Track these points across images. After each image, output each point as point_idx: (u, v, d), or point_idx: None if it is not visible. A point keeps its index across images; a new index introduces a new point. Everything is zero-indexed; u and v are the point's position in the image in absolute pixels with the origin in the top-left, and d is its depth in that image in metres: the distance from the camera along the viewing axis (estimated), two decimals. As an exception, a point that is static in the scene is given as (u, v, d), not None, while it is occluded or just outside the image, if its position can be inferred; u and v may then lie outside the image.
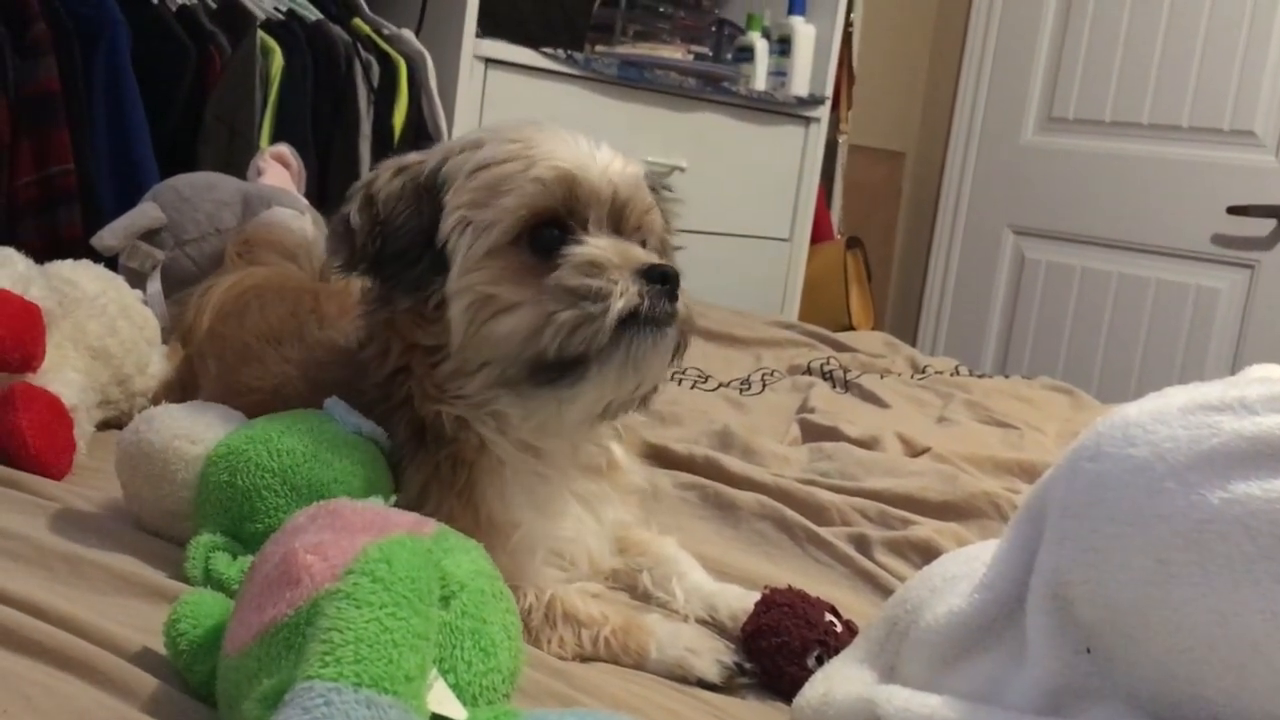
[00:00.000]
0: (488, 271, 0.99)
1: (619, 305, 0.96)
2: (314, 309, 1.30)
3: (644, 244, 1.06)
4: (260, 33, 2.19)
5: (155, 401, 1.36)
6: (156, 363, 1.46)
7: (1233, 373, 0.78)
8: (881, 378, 2.26)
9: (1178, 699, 0.68)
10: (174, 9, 2.14)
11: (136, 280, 1.68)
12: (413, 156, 1.06)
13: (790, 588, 1.07)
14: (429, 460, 1.04)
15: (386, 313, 1.04)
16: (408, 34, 2.46)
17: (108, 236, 1.76)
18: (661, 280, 0.98)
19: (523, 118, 1.09)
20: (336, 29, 2.34)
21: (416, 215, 1.01)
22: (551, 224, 1.00)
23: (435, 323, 1.01)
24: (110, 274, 1.48)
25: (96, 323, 1.35)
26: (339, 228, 1.03)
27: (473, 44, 2.52)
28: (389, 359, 1.05)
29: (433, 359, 1.03)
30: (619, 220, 1.03)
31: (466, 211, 0.99)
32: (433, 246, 1.00)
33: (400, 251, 1.01)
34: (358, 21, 2.42)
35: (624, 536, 1.18)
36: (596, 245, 0.99)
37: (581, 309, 0.96)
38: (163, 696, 0.74)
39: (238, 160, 2.07)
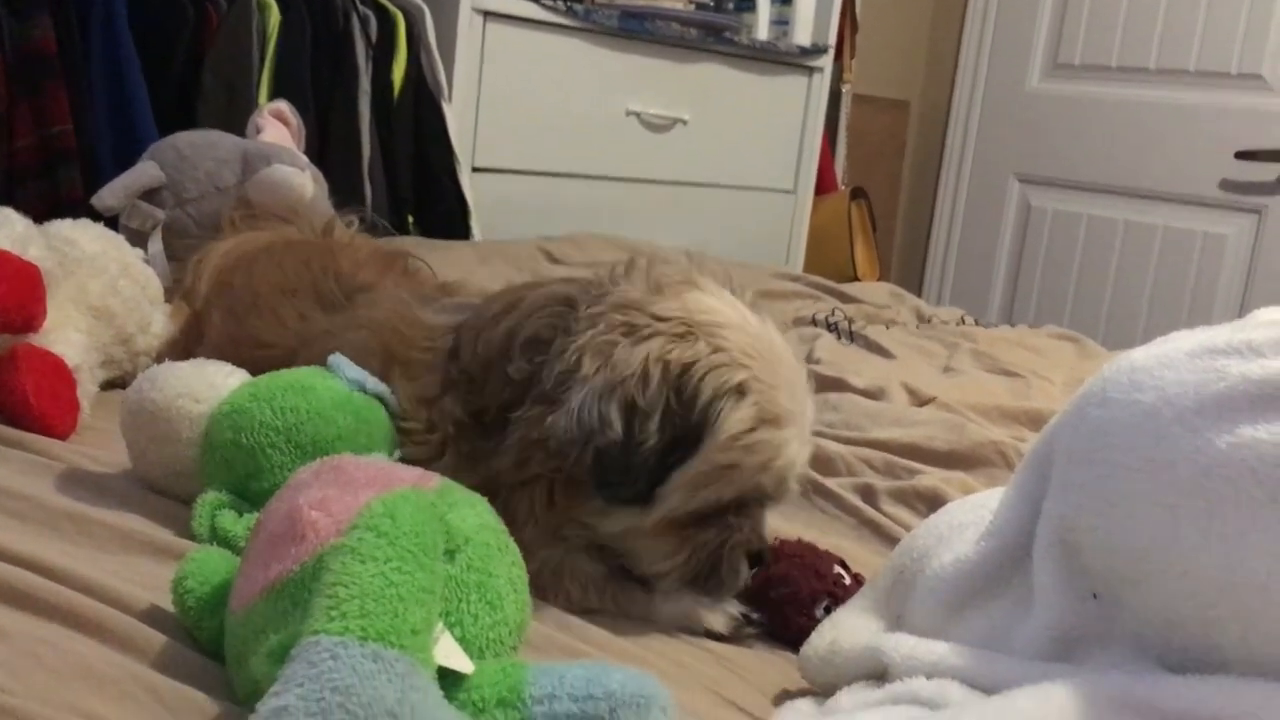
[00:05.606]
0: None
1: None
2: (328, 265, 1.29)
3: None
4: (256, -12, 2.17)
5: (159, 360, 1.36)
6: (159, 322, 1.46)
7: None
8: (887, 328, 2.26)
9: (1185, 643, 0.68)
10: (169, -35, 2.12)
11: (137, 240, 1.67)
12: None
13: (799, 540, 1.07)
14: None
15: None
16: (405, -13, 2.43)
17: (107, 196, 1.75)
18: (759, 561, 1.02)
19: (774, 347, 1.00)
20: (333, -17, 2.32)
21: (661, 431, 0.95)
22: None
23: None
24: (110, 233, 1.47)
25: (98, 282, 1.35)
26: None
27: (471, -3, 2.49)
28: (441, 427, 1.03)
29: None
30: None
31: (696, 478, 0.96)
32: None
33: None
34: (354, -25, 2.40)
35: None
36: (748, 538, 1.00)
37: (698, 584, 1.00)
38: (171, 653, 0.74)
39: (236, 118, 2.06)
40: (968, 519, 0.87)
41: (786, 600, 0.99)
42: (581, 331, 0.95)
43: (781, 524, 1.23)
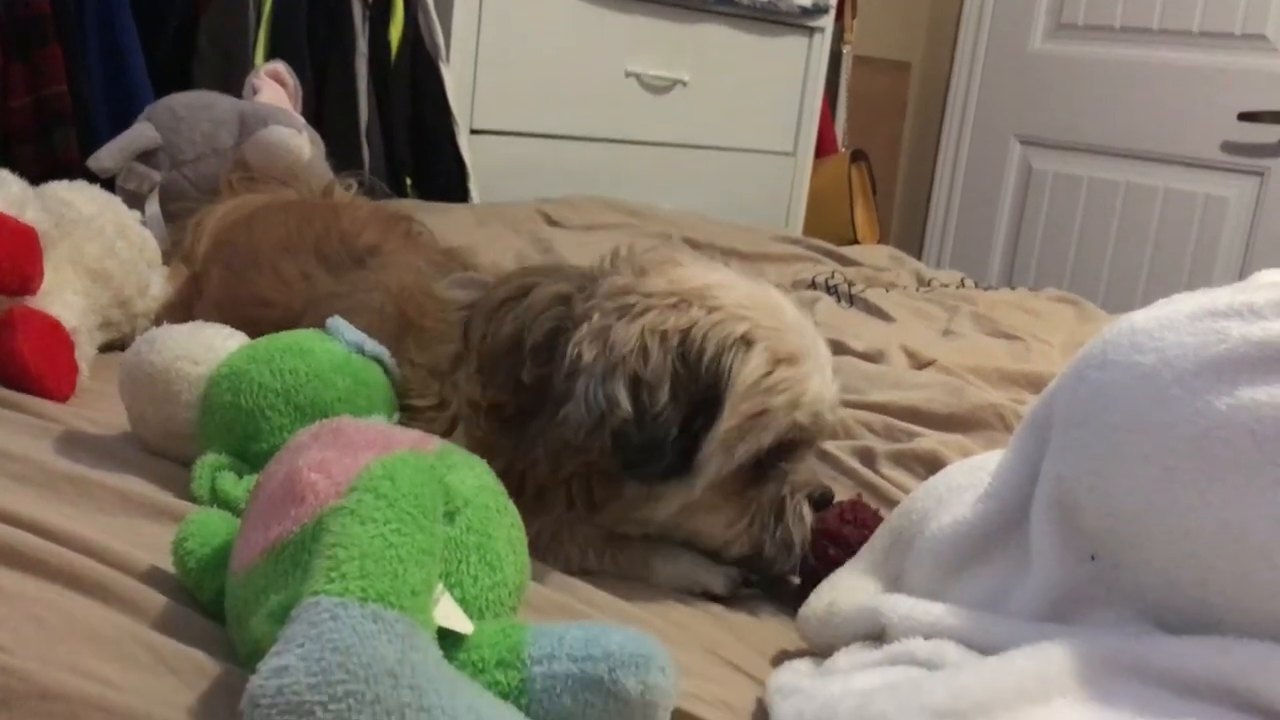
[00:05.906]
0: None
1: (797, 549, 1.00)
2: (330, 224, 1.29)
3: None
4: (252, -53, 2.15)
5: (157, 323, 1.35)
6: (157, 284, 1.45)
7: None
8: (887, 291, 2.25)
9: (1182, 604, 0.69)
10: (163, -76, 2.10)
11: (134, 202, 1.66)
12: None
13: (867, 505, 1.06)
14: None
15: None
16: (402, -53, 2.41)
17: (104, 158, 1.74)
18: (824, 504, 1.02)
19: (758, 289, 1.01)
20: (329, -58, 2.29)
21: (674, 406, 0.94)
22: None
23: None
24: (107, 195, 1.47)
25: (95, 244, 1.34)
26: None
27: (469, -44, 2.47)
28: (451, 405, 1.02)
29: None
30: None
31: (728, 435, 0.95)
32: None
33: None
34: (351, -66, 2.37)
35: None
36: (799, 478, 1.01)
37: (766, 541, 1.00)
38: (172, 614, 0.75)
39: (233, 79, 2.04)
40: (966, 481, 0.87)
41: (835, 562, 0.98)
42: (579, 328, 0.95)
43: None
